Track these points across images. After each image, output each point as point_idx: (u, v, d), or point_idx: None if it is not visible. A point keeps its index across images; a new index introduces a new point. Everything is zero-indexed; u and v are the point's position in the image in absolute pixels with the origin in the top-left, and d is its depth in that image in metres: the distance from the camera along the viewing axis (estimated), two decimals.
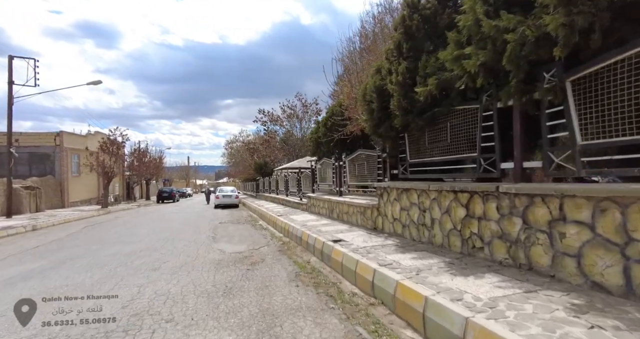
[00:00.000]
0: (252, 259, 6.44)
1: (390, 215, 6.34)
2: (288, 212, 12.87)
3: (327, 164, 11.03)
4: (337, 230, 7.51)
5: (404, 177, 6.40)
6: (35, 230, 12.65)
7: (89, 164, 22.46)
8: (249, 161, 38.08)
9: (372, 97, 6.33)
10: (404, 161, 6.38)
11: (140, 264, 6.15)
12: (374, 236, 6.42)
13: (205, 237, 9.31)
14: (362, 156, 8.32)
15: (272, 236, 9.22)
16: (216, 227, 11.81)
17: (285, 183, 18.45)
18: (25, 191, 18.46)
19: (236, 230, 10.85)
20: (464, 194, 4.38)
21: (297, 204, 14.69)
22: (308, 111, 30.75)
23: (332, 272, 5.23)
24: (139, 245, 8.21)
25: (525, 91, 3.46)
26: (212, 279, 5.09)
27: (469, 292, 3.03)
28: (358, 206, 7.77)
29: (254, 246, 7.71)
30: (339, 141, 10.72)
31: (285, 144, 32.10)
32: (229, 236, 9.52)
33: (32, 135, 22.72)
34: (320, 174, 11.88)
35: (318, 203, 11.16)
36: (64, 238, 10.05)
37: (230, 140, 58.61)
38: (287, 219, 10.28)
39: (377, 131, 6.44)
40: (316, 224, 8.73)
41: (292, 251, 7.08)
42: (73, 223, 14.83)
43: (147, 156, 37.30)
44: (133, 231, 11.27)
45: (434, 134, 5.48)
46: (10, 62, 16.30)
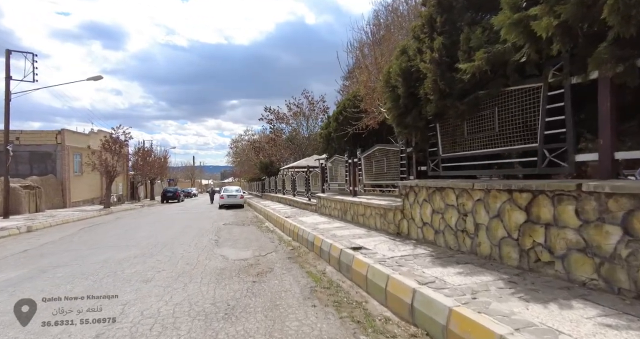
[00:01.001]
0: (258, 268, 5.63)
1: (419, 218, 5.47)
2: (296, 214, 12.05)
3: (339, 162, 10.19)
4: (353, 234, 6.66)
5: (434, 174, 5.53)
6: (30, 232, 11.99)
7: (91, 163, 21.89)
8: (255, 160, 37.36)
9: (397, 82, 5.47)
10: (434, 156, 5.51)
11: (132, 274, 5.36)
12: (399, 242, 5.56)
13: (207, 241, 8.52)
14: (380, 152, 7.46)
15: (280, 240, 8.40)
16: (220, 229, 11.04)
17: (292, 183, 17.64)
18: (25, 191, 17.89)
19: (241, 233, 10.06)
20: (523, 194, 3.51)
21: (305, 204, 13.86)
22: (315, 109, 29.90)
23: (354, 287, 4.39)
24: (134, 250, 7.45)
25: (626, 57, 2.59)
26: (211, 294, 4.27)
27: (565, 333, 2.16)
28: (377, 207, 6.91)
29: (261, 252, 6.89)
30: (353, 136, 9.88)
31: (291, 142, 31.29)
32: (233, 239, 8.73)
33: (33, 133, 22.22)
34: (331, 172, 11.04)
35: (329, 204, 10.32)
36: (57, 241, 9.34)
37: (236, 139, 57.85)
38: (296, 221, 9.46)
39: (402, 120, 5.58)
40: (329, 227, 7.89)
41: (304, 258, 6.25)
42: (71, 224, 14.17)
43: (151, 155, 36.81)
44: (131, 233, 10.53)
45: (475, 122, 4.61)
46: (7, 56, 15.71)
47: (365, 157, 8.17)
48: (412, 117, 5.39)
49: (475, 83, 4.20)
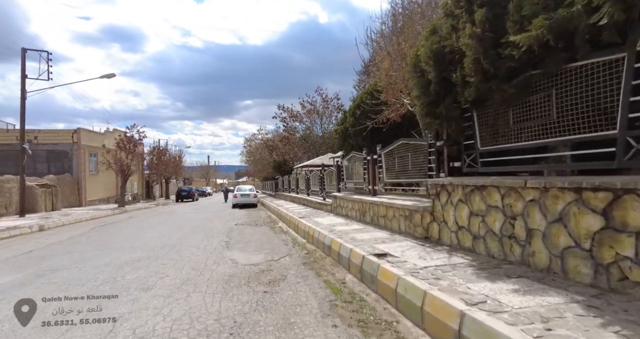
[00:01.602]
0: (270, 275, 5.06)
1: (453, 221, 4.78)
2: (311, 214, 11.47)
3: (357, 159, 9.54)
4: (375, 238, 6.02)
5: (471, 170, 4.83)
6: (42, 231, 11.84)
7: (105, 161, 21.93)
8: (268, 159, 37.04)
9: (427, 66, 4.79)
10: (470, 150, 4.81)
11: (132, 280, 4.89)
12: (430, 249, 4.88)
13: (218, 243, 8.04)
14: (404, 147, 6.77)
15: (294, 243, 7.84)
16: (231, 230, 10.58)
17: (306, 182, 17.08)
18: (41, 189, 17.97)
19: (253, 234, 9.55)
20: (598, 193, 2.80)
21: (320, 204, 13.27)
22: (329, 107, 29.25)
23: (380, 301, 3.76)
24: (139, 252, 7.02)
25: None
26: (216, 307, 3.72)
27: None
28: (401, 208, 6.24)
29: (273, 256, 6.34)
30: (372, 131, 9.21)
31: (304, 141, 30.76)
32: (245, 241, 8.21)
33: (51, 132, 22.45)
34: (348, 171, 10.40)
35: (346, 204, 9.69)
36: (65, 241, 9.05)
37: (249, 138, 57.82)
38: (311, 223, 8.87)
39: (432, 110, 4.90)
40: (346, 230, 7.27)
41: (320, 264, 5.66)
42: (84, 223, 14.03)
43: (166, 155, 36.97)
44: (140, 234, 10.18)
45: (524, 108, 3.89)
46: (23, 55, 15.74)
47: (386, 154, 7.50)
48: (445, 106, 4.70)
49: (526, 61, 3.50)
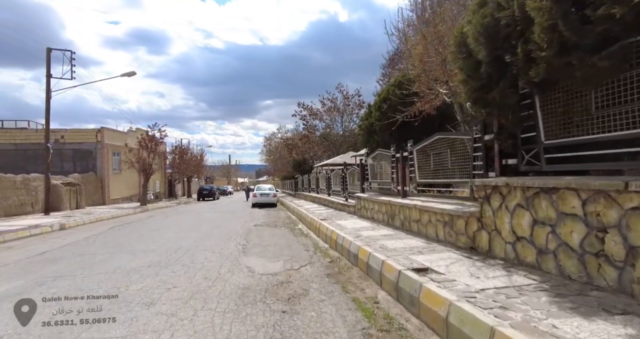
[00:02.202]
0: (290, 288, 4.42)
1: (508, 231, 3.95)
2: (332, 216, 10.79)
3: (383, 157, 8.76)
4: (409, 247, 5.25)
5: (530, 169, 3.99)
6: (63, 229, 11.78)
7: (128, 160, 22.12)
8: (287, 158, 36.64)
9: (476, 44, 3.98)
10: (531, 144, 3.97)
11: (136, 292, 4.36)
12: (480, 263, 4.07)
13: (234, 247, 7.50)
14: (441, 142, 5.95)
15: (315, 248, 7.18)
16: (249, 231, 10.06)
17: (327, 181, 16.40)
18: (65, 188, 18.24)
19: (272, 236, 8.98)
20: None
21: (342, 205, 12.55)
22: (350, 104, 28.45)
23: (425, 330, 3.03)
24: (151, 256, 6.57)
25: None
26: (226, 333, 3.10)
27: None
28: (440, 213, 5.43)
29: (293, 264, 5.70)
30: (400, 127, 8.41)
31: (324, 139, 30.10)
32: (263, 245, 7.63)
33: (76, 131, 22.91)
34: (373, 170, 9.62)
35: (371, 206, 8.93)
36: (80, 242, 8.80)
37: (269, 136, 57.81)
38: (334, 226, 8.19)
39: (482, 96, 4.08)
40: (374, 235, 6.53)
41: (346, 275, 4.96)
42: (104, 222, 13.97)
43: (188, 154, 37.33)
44: (156, 234, 9.84)
45: (614, 89, 3.03)
46: (48, 54, 15.92)
47: (419, 151, 6.69)
48: (499, 91, 3.88)
49: (624, 26, 2.65)
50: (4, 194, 14.46)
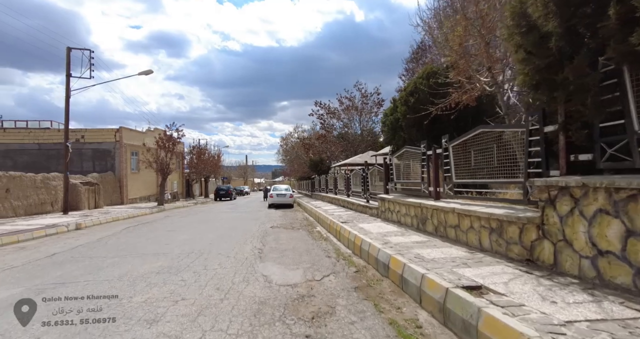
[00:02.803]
0: (312, 304, 3.81)
1: (584, 242, 3.20)
2: (353, 218, 10.13)
3: (411, 155, 8.04)
4: (450, 257, 4.54)
5: (614, 166, 3.22)
6: (79, 229, 11.63)
7: (146, 160, 22.16)
8: (304, 158, 36.15)
9: (541, 12, 3.25)
10: (616, 135, 3.20)
11: (139, 304, 3.86)
12: (548, 281, 3.32)
13: (250, 251, 6.98)
14: (485, 137, 5.19)
15: (337, 254, 6.55)
16: (266, 233, 9.54)
17: (346, 181, 15.73)
18: (84, 187, 18.32)
19: (289, 239, 8.42)
20: None
21: (362, 207, 11.87)
22: (368, 102, 27.64)
23: None
24: (162, 260, 6.11)
25: None
26: None
27: None
28: (485, 217, 4.69)
29: (315, 274, 5.09)
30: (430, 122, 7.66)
31: (342, 139, 29.40)
32: (280, 249, 7.07)
33: (96, 131, 23.15)
34: (399, 169, 8.90)
35: (398, 208, 8.21)
36: (92, 243, 8.50)
37: (285, 136, 57.59)
38: (356, 230, 7.53)
39: (549, 76, 3.35)
40: (405, 242, 5.84)
41: (377, 289, 4.31)
42: (120, 222, 13.81)
43: (205, 154, 37.45)
44: (170, 236, 9.45)
45: None
46: (68, 54, 15.97)
47: (456, 147, 5.94)
48: (574, 69, 3.15)
49: None
50: (25, 193, 14.56)
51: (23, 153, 22.36)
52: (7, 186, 13.84)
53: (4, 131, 23.00)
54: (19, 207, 14.16)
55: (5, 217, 13.67)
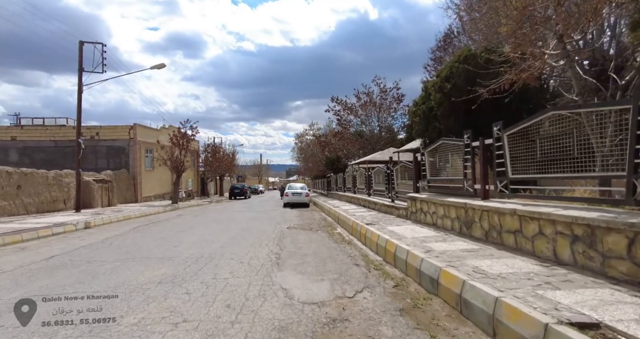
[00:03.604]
0: (349, 333, 2.94)
1: None
2: (379, 219, 9.18)
3: (450, 148, 7.02)
4: (522, 273, 3.56)
5: None
6: (87, 228, 11.12)
7: (160, 157, 21.78)
8: (320, 156, 35.28)
9: None
10: None
11: (129, 327, 3.07)
12: None
13: (266, 255, 6.17)
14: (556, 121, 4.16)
15: (365, 261, 5.66)
16: (282, 235, 8.73)
17: (367, 180, 14.77)
18: (97, 185, 18.00)
19: (309, 242, 7.57)
20: None
21: (387, 207, 10.88)
22: (387, 98, 26.50)
23: None
24: (166, 267, 5.36)
25: None
26: None
27: None
28: (565, 222, 3.68)
29: (344, 288, 4.20)
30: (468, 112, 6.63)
31: (359, 136, 28.37)
32: (300, 254, 6.23)
33: (110, 128, 22.94)
34: (436, 164, 7.88)
35: (434, 209, 7.22)
36: (96, 244, 7.87)
37: (301, 133, 56.67)
38: (386, 233, 6.60)
39: None
40: (450, 249, 4.87)
41: (427, 312, 3.38)
42: (132, 221, 13.30)
43: (220, 152, 37.12)
44: (180, 237, 8.75)
45: None
46: (80, 47, 15.60)
47: (513, 136, 4.92)
48: None
49: None
50: (36, 190, 14.24)
51: (40, 150, 22.36)
52: (18, 182, 13.53)
53: (22, 129, 23.09)
54: (30, 205, 13.84)
55: (16, 214, 13.37)
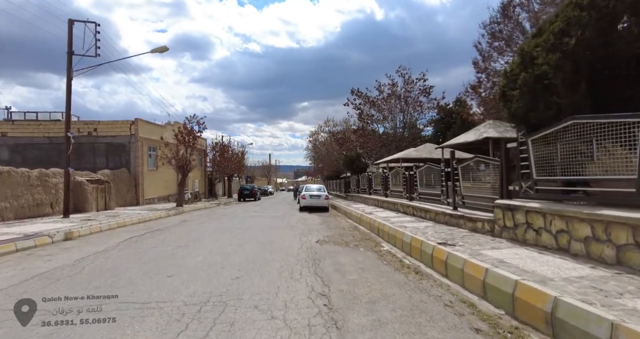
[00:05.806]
0: None
1: None
2: (449, 235, 6.77)
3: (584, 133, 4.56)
4: None
5: None
6: (67, 240, 8.94)
7: (164, 156, 19.65)
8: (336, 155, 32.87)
9: None
10: None
11: None
12: None
13: (308, 300, 3.85)
14: None
15: (478, 316, 3.25)
16: (315, 254, 6.42)
17: (407, 180, 12.33)
18: (92, 186, 15.84)
19: (359, 270, 5.22)
20: None
21: (449, 217, 8.40)
22: (413, 90, 23.98)
23: None
24: (148, 324, 3.02)
25: None
26: None
27: None
28: None
29: None
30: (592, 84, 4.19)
31: (381, 134, 25.90)
32: (362, 299, 3.86)
33: (109, 123, 20.89)
34: (551, 159, 5.37)
35: (565, 226, 4.76)
36: (61, 270, 5.61)
37: (315, 131, 53.45)
38: (502, 269, 4.21)
39: None
40: None
41: None
42: (125, 229, 11.09)
43: (228, 151, 35.04)
44: (180, 256, 6.43)
45: None
46: (70, 27, 13.52)
47: None
48: None
49: None
50: (14, 192, 12.06)
51: (33, 148, 20.42)
52: None
53: (12, 124, 21.16)
54: (5, 210, 11.63)
55: None
